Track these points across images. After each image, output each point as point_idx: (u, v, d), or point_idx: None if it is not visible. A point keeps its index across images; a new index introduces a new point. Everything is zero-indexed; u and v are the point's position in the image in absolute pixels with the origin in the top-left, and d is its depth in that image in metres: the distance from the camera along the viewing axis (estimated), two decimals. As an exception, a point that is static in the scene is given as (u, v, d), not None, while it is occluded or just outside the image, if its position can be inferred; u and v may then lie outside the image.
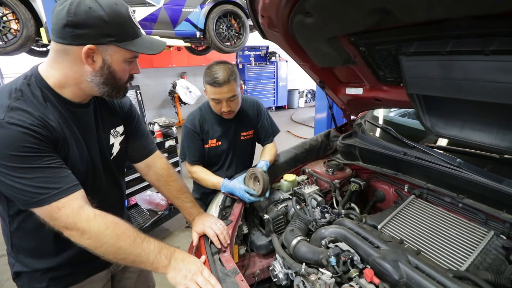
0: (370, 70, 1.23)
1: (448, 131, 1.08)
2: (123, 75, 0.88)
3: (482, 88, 0.77)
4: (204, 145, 1.61)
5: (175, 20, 4.05)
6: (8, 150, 0.72)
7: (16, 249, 0.95)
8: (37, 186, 0.75)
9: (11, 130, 0.72)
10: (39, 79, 0.83)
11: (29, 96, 0.79)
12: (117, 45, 0.80)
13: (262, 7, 1.03)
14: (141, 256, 0.84)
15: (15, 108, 0.75)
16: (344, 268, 0.95)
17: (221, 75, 1.36)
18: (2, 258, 2.84)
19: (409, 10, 0.73)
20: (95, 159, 0.97)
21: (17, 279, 0.99)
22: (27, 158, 0.74)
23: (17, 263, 0.96)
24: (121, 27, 0.80)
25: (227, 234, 1.10)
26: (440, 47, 0.82)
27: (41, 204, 0.76)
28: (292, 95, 10.28)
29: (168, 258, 0.88)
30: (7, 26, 3.12)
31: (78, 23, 0.74)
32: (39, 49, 4.54)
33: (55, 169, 0.78)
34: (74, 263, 0.97)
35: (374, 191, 1.58)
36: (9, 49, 3.13)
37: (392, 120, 1.96)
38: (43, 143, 0.76)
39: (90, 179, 0.95)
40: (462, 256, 0.96)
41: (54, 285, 0.98)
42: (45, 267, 0.95)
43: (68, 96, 0.86)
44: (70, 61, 0.80)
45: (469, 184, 1.10)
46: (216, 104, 1.47)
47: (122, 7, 0.80)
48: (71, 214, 0.77)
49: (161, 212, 2.97)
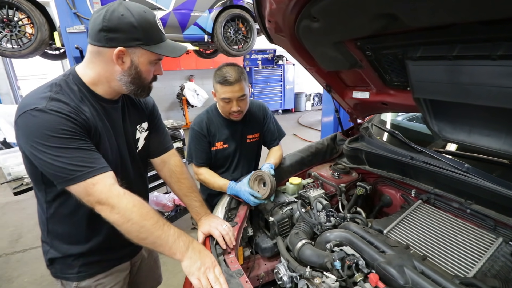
0: (376, 74, 1.23)
1: (456, 136, 1.07)
2: (148, 75, 0.96)
3: (489, 93, 0.77)
4: (211, 147, 1.62)
5: (184, 24, 4.12)
6: (50, 132, 0.81)
7: (52, 235, 1.04)
8: (74, 164, 0.82)
9: (52, 115, 0.81)
10: (76, 77, 0.94)
11: (66, 90, 0.90)
12: (144, 48, 0.89)
13: (269, 12, 1.05)
14: (161, 239, 0.88)
15: (55, 99, 0.85)
16: (349, 272, 0.94)
17: (232, 75, 1.40)
18: (12, 256, 2.92)
19: (415, 15, 0.73)
20: (123, 151, 1.06)
21: (50, 266, 1.07)
22: (65, 139, 0.82)
23: (51, 249, 1.05)
24: (148, 32, 0.89)
25: (232, 236, 1.12)
26: (447, 51, 0.82)
27: (77, 180, 0.83)
28: (299, 98, 10.27)
29: (186, 245, 0.93)
30: (22, 30, 3.22)
31: (111, 28, 0.85)
32: (52, 52, 4.67)
33: (89, 151, 0.87)
34: (102, 250, 1.05)
35: (381, 195, 1.57)
36: (24, 52, 3.24)
37: (399, 124, 1.94)
38: (78, 128, 0.86)
39: (119, 170, 1.03)
40: (469, 262, 0.94)
41: (85, 271, 1.05)
42: (77, 253, 1.03)
43: (100, 92, 0.97)
44: (103, 62, 0.91)
45: (478, 189, 1.08)
46: (226, 104, 1.48)
47: (149, 14, 0.90)
48: (104, 189, 0.84)
49: (167, 213, 3.01)
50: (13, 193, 2.13)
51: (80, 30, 2.50)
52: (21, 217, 3.70)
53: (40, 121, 0.81)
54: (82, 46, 2.51)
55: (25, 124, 0.82)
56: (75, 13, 2.53)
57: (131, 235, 0.87)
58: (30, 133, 0.82)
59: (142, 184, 1.23)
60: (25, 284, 2.52)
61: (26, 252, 2.98)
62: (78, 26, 2.52)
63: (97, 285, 1.08)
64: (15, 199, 3.82)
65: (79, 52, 2.52)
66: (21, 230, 3.40)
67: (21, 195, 2.23)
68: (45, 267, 1.08)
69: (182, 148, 3.04)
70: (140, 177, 1.19)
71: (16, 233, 3.33)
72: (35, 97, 0.85)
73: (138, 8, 0.89)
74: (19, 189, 2.14)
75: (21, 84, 7.22)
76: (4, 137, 4.70)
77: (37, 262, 2.77)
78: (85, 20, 2.58)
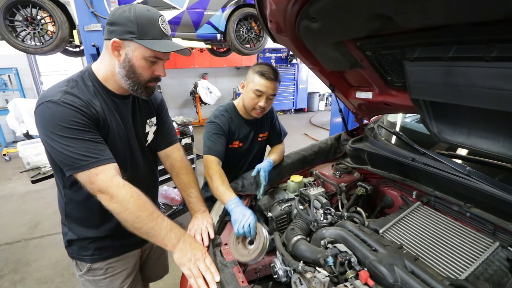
0: (377, 74, 1.23)
1: (455, 138, 1.05)
2: (143, 71, 0.98)
3: (484, 94, 0.76)
4: (229, 145, 1.61)
5: (197, 23, 4.20)
6: (61, 122, 0.88)
7: (69, 219, 1.13)
8: (80, 154, 0.89)
9: (64, 107, 0.89)
10: (91, 73, 1.02)
11: (81, 85, 0.97)
12: (136, 42, 0.92)
13: (269, 13, 1.07)
14: (154, 230, 0.94)
15: (70, 93, 0.92)
16: (342, 269, 0.96)
17: (272, 73, 1.45)
18: (31, 241, 3.10)
19: (408, 16, 0.74)
20: (133, 144, 1.12)
21: (68, 247, 1.16)
22: (74, 130, 0.89)
23: (69, 232, 1.13)
24: (143, 26, 0.92)
25: (206, 237, 1.13)
26: (443, 52, 0.81)
27: (83, 169, 0.90)
28: (312, 98, 10.19)
29: (178, 237, 0.97)
30: (45, 28, 3.39)
31: (112, 22, 0.93)
32: (72, 50, 4.87)
33: (95, 143, 0.93)
34: (114, 236, 1.12)
35: (383, 196, 1.56)
36: (45, 49, 3.41)
37: (405, 126, 1.91)
38: (88, 121, 0.92)
39: (129, 162, 1.10)
40: (463, 265, 0.94)
41: (98, 255, 1.14)
42: (91, 236, 1.11)
43: (111, 88, 1.04)
44: (108, 54, 0.98)
45: (478, 193, 1.07)
46: (255, 97, 1.47)
47: (152, 13, 0.95)
48: (105, 179, 0.90)
49: (175, 206, 3.09)
50: (31, 181, 2.27)
51: (96, 28, 2.61)
52: (40, 205, 3.91)
53: (53, 112, 0.88)
54: (98, 44, 2.62)
55: (41, 114, 0.90)
56: (92, 12, 2.63)
57: (127, 223, 0.92)
58: (45, 122, 0.89)
59: (152, 176, 1.29)
60: (41, 268, 2.67)
61: (44, 238, 3.15)
62: (95, 24, 2.62)
63: (108, 268, 1.16)
64: (35, 188, 4.04)
65: (96, 50, 2.63)
66: (39, 217, 3.59)
67: (40, 185, 2.37)
68: (60, 253, 1.18)
69: (191, 144, 3.11)
70: (150, 169, 1.25)
71: (34, 220, 3.53)
72: (53, 90, 0.93)
73: (143, 7, 0.94)
74: (37, 178, 2.28)
75: (44, 80, 7.57)
76: (27, 129, 4.96)
77: (53, 248, 2.93)
78: (102, 19, 2.69)
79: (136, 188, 0.95)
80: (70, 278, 2.51)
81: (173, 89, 8.48)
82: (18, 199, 4.16)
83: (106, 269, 1.16)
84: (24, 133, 4.98)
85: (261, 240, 1.04)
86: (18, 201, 4.10)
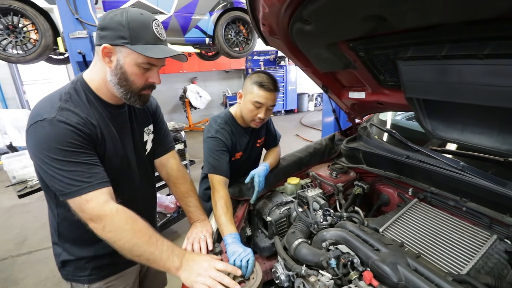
0: (370, 74, 1.24)
1: (449, 134, 1.07)
2: (136, 78, 0.92)
3: (477, 91, 0.78)
4: (231, 158, 1.55)
5: (185, 27, 4.17)
6: (55, 144, 0.82)
7: (63, 239, 1.05)
8: (71, 179, 0.83)
9: (59, 127, 0.82)
10: (83, 83, 0.95)
11: (76, 98, 0.91)
12: (128, 47, 0.87)
13: (262, 16, 1.07)
14: (154, 255, 0.88)
15: (65, 109, 0.86)
16: (345, 270, 0.95)
17: (272, 83, 1.39)
18: (18, 258, 2.97)
19: (402, 17, 0.75)
20: (129, 156, 1.06)
21: (62, 268, 1.08)
22: (68, 152, 0.83)
23: (64, 252, 1.05)
24: (135, 31, 0.87)
25: (204, 247, 1.12)
26: (436, 51, 0.83)
27: (72, 195, 0.84)
28: (301, 99, 10.28)
29: (180, 259, 0.91)
30: (27, 36, 3.29)
31: (103, 26, 0.87)
32: (56, 57, 4.75)
33: (89, 165, 0.86)
34: (113, 253, 1.02)
35: (379, 194, 1.58)
36: (28, 57, 3.30)
37: (398, 123, 1.95)
38: (84, 141, 0.86)
39: (125, 174, 1.04)
40: (463, 259, 0.95)
41: (96, 274, 1.07)
42: (88, 256, 1.04)
43: (105, 98, 0.97)
44: (99, 61, 0.92)
45: (473, 187, 1.09)
46: (255, 109, 1.43)
47: (145, 17, 0.89)
48: (96, 207, 0.84)
49: (170, 214, 3.03)
50: (18, 195, 2.18)
51: (82, 35, 2.55)
52: (26, 219, 3.76)
53: (48, 132, 0.82)
54: (84, 51, 2.56)
55: (34, 134, 0.83)
56: (77, 18, 2.57)
57: (125, 252, 0.87)
58: (37, 143, 0.83)
59: (150, 186, 1.24)
60: (30, 286, 2.56)
61: (32, 254, 3.03)
62: (81, 31, 2.56)
63: (107, 287, 1.10)
64: (21, 202, 3.87)
65: (82, 57, 2.57)
66: (26, 232, 3.45)
67: (26, 198, 2.27)
68: (50, 269, 1.11)
69: (183, 150, 3.07)
70: (147, 180, 1.19)
71: (21, 236, 3.39)
72: (46, 106, 0.86)
73: (135, 11, 0.88)
74: (24, 192, 2.19)
75: (26, 89, 7.33)
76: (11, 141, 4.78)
77: (42, 264, 2.81)
78: (88, 25, 2.63)
79: (131, 211, 0.89)
80: (61, 294, 2.42)
81: (162, 94, 8.37)
82: (3, 214, 3.99)
83: None
84: (8, 145, 4.80)
85: (258, 278, 0.97)
86: (3, 216, 3.93)
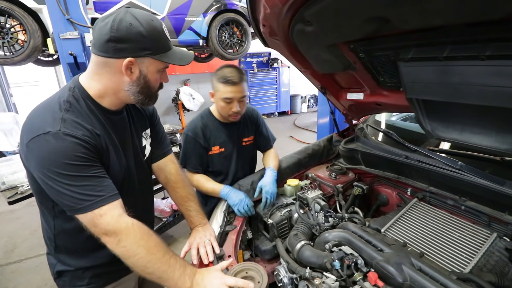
0: (370, 75, 1.25)
1: (448, 135, 1.09)
2: (156, 84, 0.94)
3: (479, 92, 0.79)
4: (208, 152, 1.61)
5: (178, 28, 4.13)
6: (63, 159, 0.78)
7: (59, 250, 1.01)
8: (83, 193, 0.80)
9: (66, 141, 0.79)
10: (82, 90, 0.90)
11: (77, 107, 0.86)
12: (152, 57, 0.86)
13: (263, 17, 1.06)
14: (167, 273, 0.86)
15: (68, 120, 0.82)
16: (349, 271, 0.95)
17: (235, 75, 1.41)
18: (7, 267, 2.87)
19: (405, 18, 0.75)
20: (129, 163, 1.03)
21: (58, 279, 1.04)
22: (77, 166, 0.80)
23: (59, 263, 1.02)
24: (157, 41, 0.86)
25: (210, 250, 1.11)
26: (438, 52, 0.84)
27: (85, 210, 0.81)
28: (294, 101, 10.34)
29: (191, 279, 0.89)
30: (15, 37, 3.20)
31: (120, 38, 0.81)
32: (45, 59, 4.63)
33: (99, 178, 0.84)
34: (111, 261, 1.00)
35: (378, 195, 1.59)
36: (16, 59, 3.20)
37: (393, 124, 1.97)
38: (91, 153, 0.83)
39: (126, 181, 1.01)
40: (465, 258, 0.96)
41: (94, 283, 1.03)
42: (87, 266, 1.01)
43: (106, 105, 0.94)
44: (110, 73, 0.87)
45: (471, 186, 1.11)
46: (226, 105, 1.46)
47: (157, 22, 0.87)
48: (111, 221, 0.82)
49: (165, 218, 2.99)
50: (8, 202, 2.10)
51: (73, 36, 2.49)
52: (15, 227, 3.64)
53: (53, 147, 0.78)
54: (76, 53, 2.50)
55: (38, 149, 0.79)
56: (68, 19, 2.51)
57: (137, 269, 0.85)
58: (43, 159, 0.79)
59: (148, 191, 1.22)
60: (21, 295, 2.48)
61: (22, 262, 2.92)
62: (72, 32, 2.50)
63: None
64: (9, 208, 3.76)
65: (73, 59, 2.51)
66: (15, 240, 3.34)
67: (15, 205, 2.20)
68: (41, 277, 1.07)
69: (179, 152, 3.03)
70: (146, 185, 1.17)
71: (10, 243, 3.27)
72: (46, 117, 0.81)
73: (145, 16, 0.85)
74: (14, 198, 2.11)
75: (13, 91, 7.12)
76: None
77: (33, 273, 2.72)
78: (79, 26, 2.57)
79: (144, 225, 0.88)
80: (54, 303, 2.34)
81: (154, 96, 8.27)
82: (-10, 221, 3.86)
83: None
84: (-6, 150, 4.64)
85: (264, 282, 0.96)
86: (-10, 223, 3.80)
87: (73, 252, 1.01)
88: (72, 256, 1.01)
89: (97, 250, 1.00)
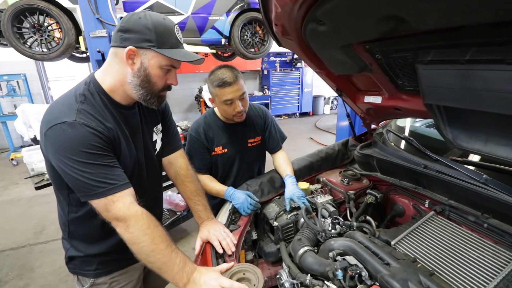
0: (387, 78, 1.18)
1: (471, 145, 1.00)
2: (158, 80, 0.95)
3: (504, 99, 0.71)
4: (211, 153, 1.59)
5: (202, 28, 4.21)
6: (79, 147, 0.83)
7: (72, 236, 1.08)
8: (97, 180, 0.85)
9: (82, 129, 0.84)
10: (96, 85, 0.95)
11: (91, 100, 0.91)
12: (154, 50, 0.89)
13: (275, 16, 1.04)
14: (167, 265, 0.89)
15: (83, 111, 0.87)
16: (351, 283, 0.91)
17: (229, 75, 1.38)
18: (35, 246, 3.10)
19: (422, 17, 0.70)
20: (140, 156, 1.07)
21: (69, 263, 1.12)
22: (91, 155, 0.84)
23: (71, 248, 1.09)
24: (162, 35, 0.89)
25: (230, 241, 1.12)
26: (459, 55, 0.77)
27: (99, 196, 0.86)
28: (317, 102, 10.14)
29: (188, 276, 0.91)
30: (51, 35, 3.44)
31: (127, 29, 0.88)
32: (79, 56, 4.93)
33: (112, 168, 0.89)
34: (119, 250, 1.05)
35: (393, 204, 1.50)
36: (52, 55, 3.45)
37: (416, 131, 1.85)
38: (105, 143, 0.88)
39: (136, 174, 1.05)
40: (482, 281, 0.88)
41: (102, 269, 1.09)
42: (95, 253, 1.07)
43: (118, 99, 0.98)
44: (118, 63, 0.92)
45: (496, 203, 1.01)
46: (228, 107, 1.44)
47: (168, 21, 0.92)
48: (122, 208, 0.87)
49: (180, 212, 3.06)
50: (35, 187, 2.27)
51: (102, 34, 2.62)
52: (45, 210, 3.92)
53: (69, 135, 0.82)
54: (103, 50, 2.63)
55: (55, 137, 0.83)
56: (98, 18, 2.65)
57: (140, 256, 0.89)
58: (60, 146, 0.83)
59: (157, 185, 1.25)
60: (45, 274, 2.66)
61: (48, 243, 3.15)
62: (101, 30, 2.64)
63: (112, 282, 1.12)
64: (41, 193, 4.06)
65: (101, 56, 2.64)
66: (44, 222, 3.60)
67: (46, 190, 2.37)
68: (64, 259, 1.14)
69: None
70: (155, 179, 1.21)
71: (40, 225, 3.54)
72: (63, 108, 0.87)
73: (158, 15, 0.91)
74: (40, 184, 2.27)
75: (51, 85, 7.68)
76: (35, 134, 5.01)
77: (57, 254, 2.92)
78: (107, 25, 2.70)
79: (152, 216, 0.91)
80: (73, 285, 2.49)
81: (178, 93, 8.51)
82: (24, 204, 4.19)
83: (110, 283, 1.12)
84: (32, 138, 5.03)
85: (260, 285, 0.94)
86: (24, 206, 4.12)
87: (84, 238, 1.07)
88: (82, 242, 1.07)
89: (104, 239, 1.05)
